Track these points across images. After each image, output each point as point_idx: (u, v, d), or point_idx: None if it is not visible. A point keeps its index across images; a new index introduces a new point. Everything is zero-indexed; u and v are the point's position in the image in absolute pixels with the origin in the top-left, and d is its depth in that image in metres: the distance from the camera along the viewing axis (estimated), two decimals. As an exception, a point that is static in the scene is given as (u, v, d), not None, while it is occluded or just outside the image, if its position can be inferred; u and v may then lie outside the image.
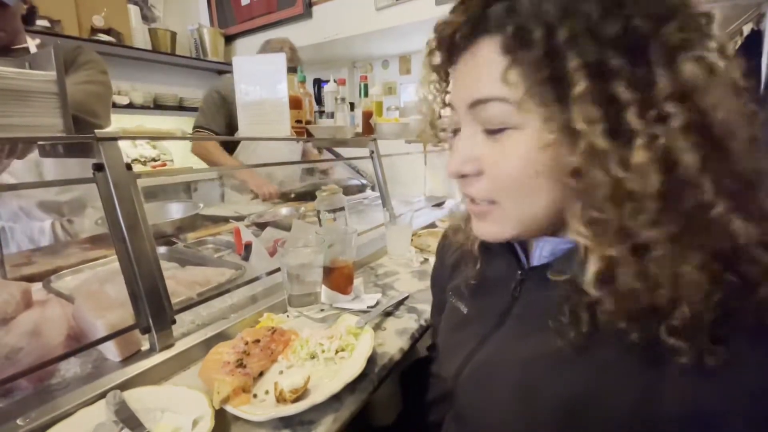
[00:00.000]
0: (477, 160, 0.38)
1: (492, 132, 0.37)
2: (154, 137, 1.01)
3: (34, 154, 0.93)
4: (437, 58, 0.42)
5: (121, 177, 0.62)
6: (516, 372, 0.40)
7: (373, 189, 2.24)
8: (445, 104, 0.44)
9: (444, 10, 0.41)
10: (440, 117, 0.46)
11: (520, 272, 0.45)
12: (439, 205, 1.88)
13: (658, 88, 0.29)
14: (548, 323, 0.38)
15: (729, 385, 0.29)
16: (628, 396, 0.32)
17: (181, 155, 2.80)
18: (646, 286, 0.30)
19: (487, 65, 0.36)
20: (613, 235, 0.31)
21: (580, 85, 0.30)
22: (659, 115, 0.29)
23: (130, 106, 2.51)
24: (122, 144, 0.63)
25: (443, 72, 0.42)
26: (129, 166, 0.63)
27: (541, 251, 0.43)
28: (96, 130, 0.60)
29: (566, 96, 0.31)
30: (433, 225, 1.48)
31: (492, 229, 0.40)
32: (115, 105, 2.45)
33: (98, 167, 0.60)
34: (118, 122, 2.49)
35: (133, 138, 0.72)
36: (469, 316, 0.50)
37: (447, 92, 0.43)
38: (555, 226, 0.39)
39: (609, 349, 0.34)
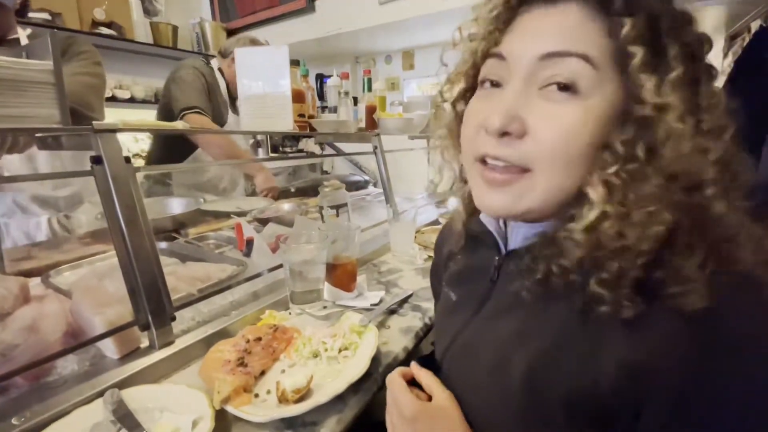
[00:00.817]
0: (523, 120, 0.35)
1: (551, 93, 0.35)
2: (154, 129, 0.99)
3: (30, 149, 0.91)
4: (497, 5, 0.38)
5: (119, 170, 0.60)
6: (489, 351, 0.42)
7: (375, 185, 2.22)
8: (485, 56, 0.40)
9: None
10: (467, 71, 0.43)
11: (497, 257, 0.46)
12: (443, 202, 1.86)
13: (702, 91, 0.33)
14: (519, 302, 0.40)
15: (647, 338, 0.32)
16: (572, 359, 0.35)
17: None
18: (614, 239, 0.33)
19: (576, 18, 0.34)
20: (617, 197, 0.33)
21: (678, 71, 0.32)
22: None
23: (132, 100, 2.49)
24: (123, 139, 0.61)
25: (502, 20, 0.38)
26: (128, 159, 0.62)
27: (516, 236, 0.44)
28: (94, 122, 0.58)
29: (661, 73, 0.32)
30: (436, 222, 1.46)
31: (507, 200, 0.38)
32: (116, 99, 2.44)
33: (96, 160, 0.58)
34: (119, 116, 2.46)
35: (132, 130, 0.70)
36: (456, 303, 0.51)
37: (495, 44, 0.39)
38: (557, 211, 0.38)
39: (559, 312, 0.37)
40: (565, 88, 0.34)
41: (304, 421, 0.50)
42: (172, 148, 1.61)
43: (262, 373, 0.59)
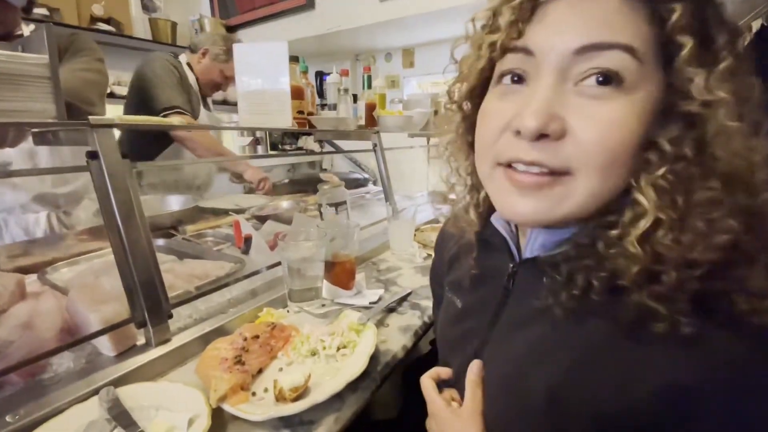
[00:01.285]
0: (562, 120, 0.32)
1: (590, 88, 0.31)
2: (151, 125, 0.97)
3: (30, 144, 0.90)
4: None
5: (116, 166, 0.59)
6: (507, 367, 0.39)
7: (374, 183, 2.21)
8: (505, 50, 0.35)
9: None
10: (482, 67, 0.38)
11: (512, 265, 0.43)
12: (443, 201, 1.85)
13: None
14: (538, 309, 0.37)
15: (701, 358, 0.29)
16: (605, 377, 0.32)
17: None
18: (672, 249, 0.30)
19: (616, 5, 0.31)
20: (667, 201, 0.31)
21: (727, 62, 0.30)
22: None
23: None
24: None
25: (526, 10, 0.34)
26: (125, 155, 0.61)
27: (534, 243, 0.40)
28: (90, 117, 0.58)
29: (709, 66, 0.30)
30: (435, 221, 1.45)
31: (541, 206, 0.34)
32: (114, 95, 2.42)
33: (92, 155, 0.58)
34: (118, 113, 2.46)
35: (129, 125, 0.69)
36: (464, 310, 0.49)
37: (518, 36, 0.34)
38: (597, 213, 0.35)
39: (592, 328, 0.34)
40: (607, 81, 0.31)
41: (301, 420, 0.50)
42: (142, 145, 1.54)
43: (260, 371, 0.58)
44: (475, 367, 0.43)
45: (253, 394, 0.53)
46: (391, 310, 0.81)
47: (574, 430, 0.33)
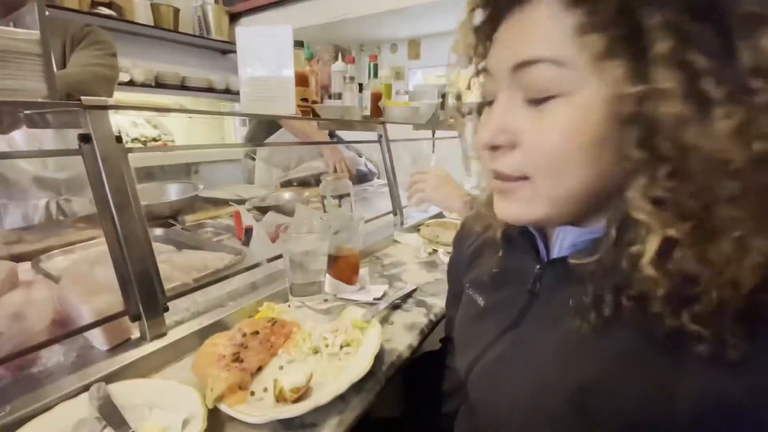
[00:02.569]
0: (512, 132, 0.34)
1: (534, 100, 0.33)
2: (147, 108, 0.94)
3: (33, 129, 0.87)
4: (479, 17, 0.37)
5: (110, 150, 0.56)
6: (531, 368, 0.39)
7: (378, 177, 2.18)
8: (478, 72, 0.39)
9: None
10: (469, 87, 0.42)
11: (538, 266, 0.42)
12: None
13: (739, 61, 0.26)
14: (564, 319, 0.36)
15: (752, 378, 0.27)
16: (638, 389, 0.31)
17: (183, 135, 2.74)
18: (702, 269, 0.28)
19: (540, 22, 0.32)
20: (672, 212, 0.28)
21: (662, 45, 0.27)
22: (741, 88, 0.26)
23: (131, 83, 2.43)
24: (122, 122, 0.57)
25: (483, 33, 0.38)
26: (119, 139, 0.58)
27: (562, 242, 0.39)
28: (83, 98, 0.54)
29: (641, 57, 0.28)
30: (441, 215, 1.42)
31: (518, 209, 0.37)
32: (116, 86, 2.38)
33: (85, 138, 0.54)
34: (117, 101, 2.42)
35: (123, 108, 0.66)
36: (486, 309, 0.48)
37: (482, 57, 0.38)
38: (587, 210, 0.35)
39: (625, 339, 0.33)
40: (542, 93, 0.32)
41: (302, 423, 0.47)
42: (263, 128, 1.84)
43: (259, 369, 0.56)
44: None
45: (252, 393, 0.51)
46: (395, 306, 0.78)
47: None
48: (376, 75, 1.30)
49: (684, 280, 0.28)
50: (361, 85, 1.38)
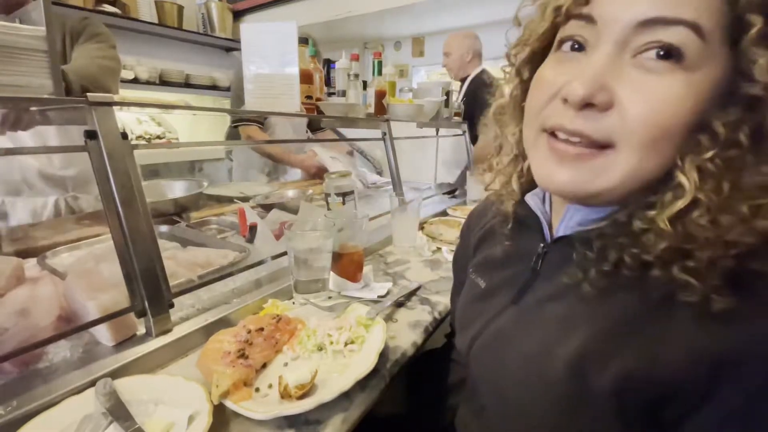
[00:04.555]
0: (612, 91, 0.31)
1: (656, 59, 0.30)
2: (151, 105, 0.94)
3: (38, 126, 0.87)
4: None
5: (115, 146, 0.56)
6: (531, 338, 0.39)
7: (380, 174, 2.17)
8: (569, 16, 0.34)
9: None
10: (544, 32, 0.37)
11: (542, 245, 0.42)
12: (450, 192, 1.82)
13: None
14: (566, 285, 0.37)
15: (736, 330, 0.29)
16: (630, 352, 0.32)
17: (187, 133, 2.74)
18: (706, 230, 0.30)
19: None
20: (711, 185, 0.30)
21: None
22: None
23: (135, 81, 2.44)
24: (126, 119, 0.57)
25: None
26: (125, 136, 0.58)
27: (570, 221, 0.40)
28: (88, 94, 0.54)
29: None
30: (444, 213, 1.42)
31: (578, 177, 0.34)
32: (121, 80, 2.38)
33: (91, 135, 0.54)
34: (122, 98, 2.42)
35: (128, 104, 0.65)
36: (488, 290, 0.49)
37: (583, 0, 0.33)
38: (627, 194, 0.34)
39: (621, 304, 0.34)
40: (667, 56, 0.29)
41: (307, 420, 0.47)
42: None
43: (264, 365, 0.56)
44: None
45: (257, 390, 0.51)
46: (400, 304, 0.78)
47: (595, 400, 0.33)
48: (380, 72, 1.30)
49: (685, 238, 0.30)
50: (365, 83, 1.37)
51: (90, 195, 1.18)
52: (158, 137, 2.41)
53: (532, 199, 0.45)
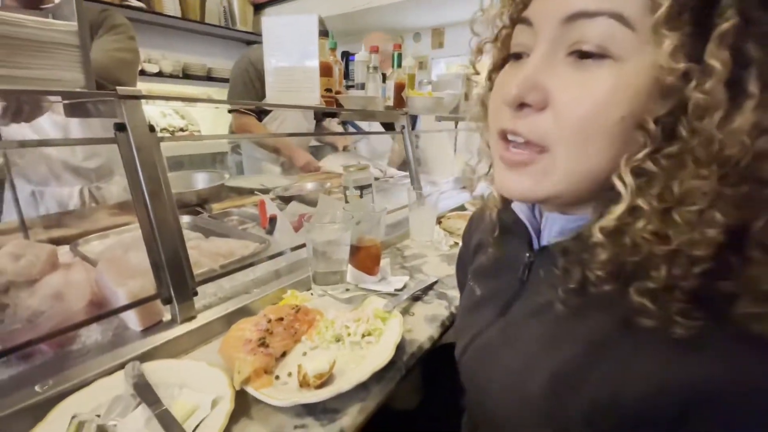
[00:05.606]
0: (544, 90, 0.31)
1: (579, 59, 0.30)
2: (177, 99, 0.97)
3: (62, 117, 0.90)
4: None
5: (143, 139, 0.58)
6: (514, 354, 0.39)
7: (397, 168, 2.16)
8: (513, 22, 0.36)
9: None
10: (497, 39, 0.39)
11: (528, 254, 0.42)
12: (468, 187, 1.79)
13: None
14: (543, 304, 0.37)
15: (699, 359, 0.27)
16: (602, 372, 0.31)
17: (209, 126, 2.80)
18: (652, 242, 0.28)
19: None
20: (656, 189, 0.28)
21: (727, 23, 0.26)
22: None
23: (160, 74, 2.50)
24: (151, 112, 0.59)
25: None
26: (152, 128, 0.59)
27: (551, 230, 0.39)
28: (118, 87, 0.56)
29: (699, 33, 0.27)
30: (462, 208, 1.40)
31: (527, 183, 0.34)
32: (144, 73, 2.45)
33: (120, 127, 0.56)
34: (148, 91, 2.49)
35: (155, 98, 0.68)
36: (482, 298, 0.48)
37: (522, 5, 0.35)
38: (588, 194, 0.34)
39: (594, 323, 0.33)
40: (593, 51, 0.29)
41: (325, 408, 0.48)
42: None
43: (283, 354, 0.57)
44: None
45: (277, 377, 0.52)
46: (416, 298, 0.78)
47: (567, 423, 0.33)
48: (400, 64, 1.29)
49: (632, 250, 0.29)
50: (384, 75, 1.37)
51: (112, 185, 1.22)
52: (181, 130, 2.47)
53: (518, 206, 0.43)
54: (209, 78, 2.78)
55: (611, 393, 0.30)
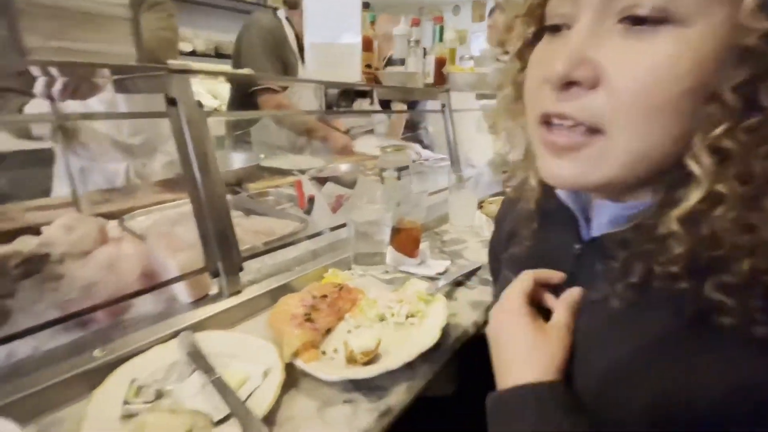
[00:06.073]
0: (596, 64, 0.29)
1: (634, 26, 0.27)
2: (227, 74, 1.00)
3: (109, 94, 0.95)
4: None
5: (193, 113, 0.60)
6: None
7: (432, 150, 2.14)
8: None
9: None
10: (529, 11, 0.36)
11: (578, 246, 0.39)
12: (506, 172, 1.75)
13: None
14: (595, 298, 0.35)
15: None
16: (665, 374, 0.30)
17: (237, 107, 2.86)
18: (735, 232, 0.26)
19: None
20: (735, 170, 0.26)
21: None
22: None
23: (193, 53, 2.57)
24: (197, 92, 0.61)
25: None
26: (200, 104, 0.62)
27: (601, 217, 0.37)
28: (169, 61, 0.58)
29: None
30: (503, 193, 1.38)
31: (578, 169, 0.32)
32: (181, 52, 2.53)
33: (171, 101, 0.59)
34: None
35: (206, 73, 0.70)
36: None
37: None
38: (646, 178, 0.31)
39: (654, 320, 0.31)
40: (652, 14, 0.26)
41: (373, 385, 0.50)
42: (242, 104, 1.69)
43: (327, 331, 0.59)
44: (575, 293, 0.38)
45: (323, 353, 0.54)
46: (458, 283, 0.78)
47: (622, 423, 0.31)
48: (441, 39, 1.26)
49: (712, 242, 0.27)
50: (424, 50, 1.34)
51: (155, 162, 1.28)
52: (215, 110, 2.54)
53: (564, 192, 0.41)
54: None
55: (676, 393, 0.29)
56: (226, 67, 2.82)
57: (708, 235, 0.27)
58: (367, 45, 1.00)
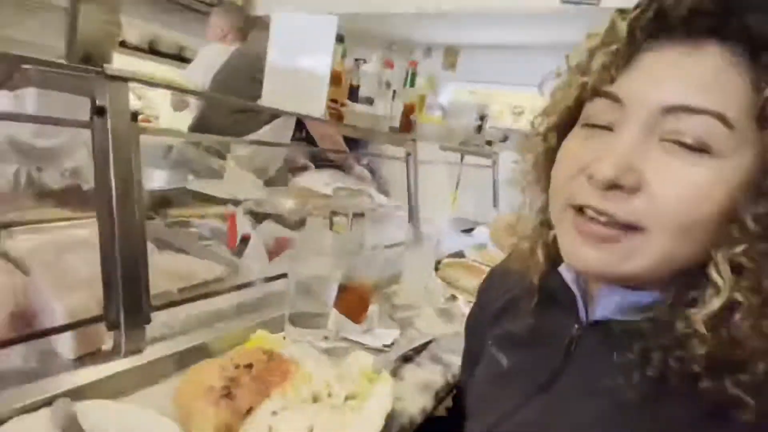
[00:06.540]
0: (640, 173, 0.35)
1: (680, 146, 0.34)
2: (175, 89, 0.96)
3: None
4: (640, 23, 0.36)
5: (123, 129, 0.58)
6: None
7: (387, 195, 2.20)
8: (595, 93, 0.39)
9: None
10: (569, 107, 0.42)
11: (577, 326, 0.44)
12: (468, 231, 1.84)
13: None
14: (606, 386, 0.38)
15: None
16: None
17: (169, 111, 2.77)
18: (753, 337, 0.32)
19: (715, 66, 0.33)
20: (749, 283, 0.32)
21: None
22: None
23: (123, 44, 2.49)
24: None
25: (626, 50, 0.37)
26: (135, 116, 0.60)
27: (608, 302, 0.42)
28: (105, 65, 0.56)
29: None
30: (460, 254, 1.43)
31: (607, 259, 0.37)
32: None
33: (99, 111, 0.56)
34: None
35: (152, 84, 0.68)
36: (510, 370, 0.50)
37: (609, 78, 0.38)
38: (664, 278, 0.37)
39: (670, 412, 0.36)
40: (693, 146, 0.33)
41: (298, 486, 0.47)
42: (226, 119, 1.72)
43: (248, 410, 0.55)
44: None
45: (241, 439, 0.51)
46: (407, 359, 0.78)
47: None
48: (413, 84, 1.35)
49: (731, 345, 0.32)
50: (394, 92, 1.42)
51: (56, 171, 1.18)
52: (137, 113, 2.44)
53: (567, 272, 0.46)
54: (181, 58, 2.78)
55: None
56: (160, 66, 2.76)
57: (728, 339, 0.32)
58: (336, 79, 1.04)
